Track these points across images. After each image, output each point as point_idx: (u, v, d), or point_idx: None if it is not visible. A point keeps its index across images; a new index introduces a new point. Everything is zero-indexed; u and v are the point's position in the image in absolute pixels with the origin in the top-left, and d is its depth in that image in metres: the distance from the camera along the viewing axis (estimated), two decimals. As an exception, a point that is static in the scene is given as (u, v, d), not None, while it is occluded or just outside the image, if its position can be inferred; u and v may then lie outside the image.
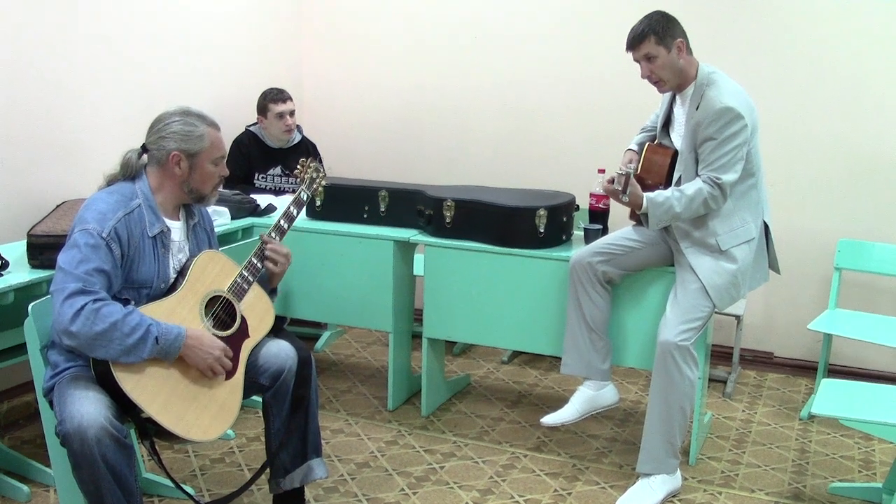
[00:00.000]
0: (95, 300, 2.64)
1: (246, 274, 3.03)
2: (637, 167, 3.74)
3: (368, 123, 5.91)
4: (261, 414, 4.15)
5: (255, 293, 3.08)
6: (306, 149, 5.22)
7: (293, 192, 5.09)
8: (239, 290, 3.00)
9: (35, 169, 4.13)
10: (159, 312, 2.78)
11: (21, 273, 3.39)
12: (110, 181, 2.96)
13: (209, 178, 2.99)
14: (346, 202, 4.46)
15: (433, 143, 5.75)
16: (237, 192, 4.60)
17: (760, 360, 5.22)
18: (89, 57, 4.36)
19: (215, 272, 2.99)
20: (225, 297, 2.96)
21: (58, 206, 3.97)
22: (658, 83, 3.58)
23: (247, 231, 4.45)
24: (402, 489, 3.65)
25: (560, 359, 3.91)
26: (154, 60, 4.77)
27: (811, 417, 4.48)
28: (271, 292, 3.28)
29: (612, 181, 3.51)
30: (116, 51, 4.51)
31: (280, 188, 5.17)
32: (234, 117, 5.11)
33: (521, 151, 5.53)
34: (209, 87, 5.20)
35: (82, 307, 2.61)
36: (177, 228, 3.01)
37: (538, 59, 5.42)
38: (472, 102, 5.62)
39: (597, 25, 5.23)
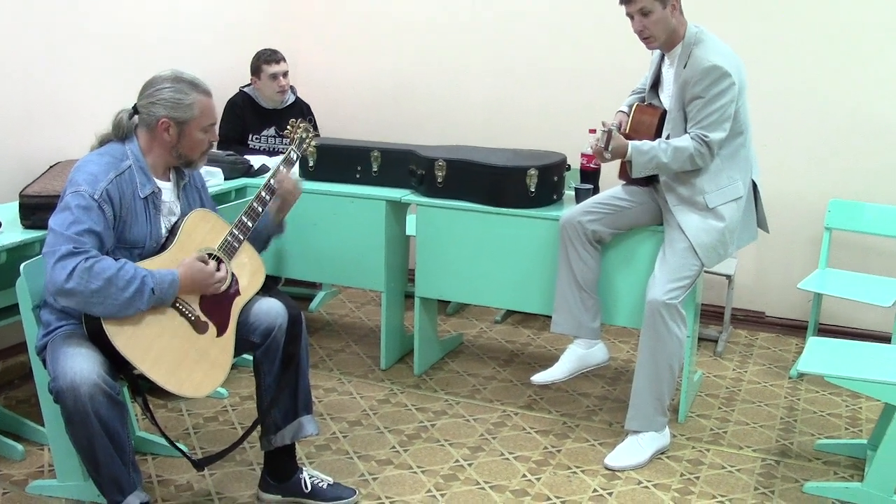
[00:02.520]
0: (87, 258, 2.65)
1: (236, 232, 3.05)
2: (625, 123, 3.76)
3: (360, 85, 5.90)
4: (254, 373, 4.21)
5: (246, 251, 3.10)
6: (300, 110, 5.22)
7: (288, 152, 5.11)
8: (230, 249, 3.02)
9: (27, 130, 4.13)
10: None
11: (13, 233, 3.40)
12: (102, 141, 2.97)
13: (198, 145, 2.99)
14: (339, 162, 4.47)
15: (425, 105, 5.74)
16: (231, 152, 4.61)
17: (751, 320, 5.26)
18: (81, 20, 4.35)
19: (206, 230, 3.01)
20: (216, 255, 2.97)
21: (50, 167, 3.97)
22: (648, 39, 3.56)
23: (240, 191, 4.45)
24: (394, 447, 3.69)
25: (552, 318, 3.94)
26: (147, 21, 4.75)
27: (801, 376, 4.52)
28: (278, 226, 3.33)
29: (597, 142, 3.53)
30: (108, 13, 4.50)
31: (274, 149, 5.17)
32: (228, 79, 5.11)
33: (513, 112, 5.53)
34: (203, 48, 5.18)
35: (74, 268, 2.62)
36: (167, 189, 3.03)
37: (529, 21, 5.41)
38: (464, 63, 5.61)
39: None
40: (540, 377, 3.84)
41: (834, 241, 4.78)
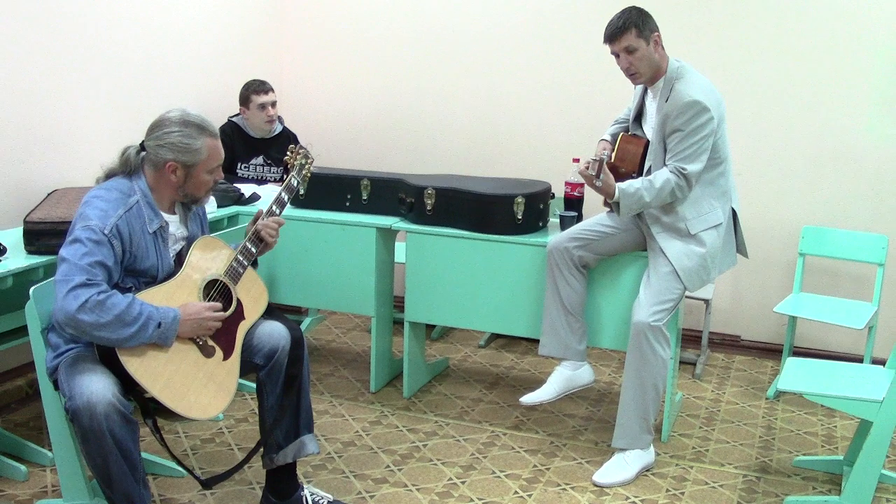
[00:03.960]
0: (100, 292, 2.74)
1: (241, 258, 3.15)
2: (611, 155, 3.90)
3: (347, 115, 6.03)
4: (248, 397, 4.33)
5: (250, 276, 3.21)
6: (288, 139, 5.33)
7: (275, 181, 5.23)
8: (235, 274, 3.12)
9: (25, 159, 4.21)
10: (160, 297, 2.90)
11: (18, 258, 3.48)
12: (109, 174, 3.05)
13: (204, 185, 3.11)
14: (329, 191, 4.59)
15: (411, 134, 5.88)
16: (222, 180, 4.70)
17: (728, 343, 5.42)
18: (76, 52, 4.44)
19: (212, 257, 3.11)
20: (222, 281, 3.08)
21: (49, 195, 4.06)
22: (634, 76, 3.73)
23: (232, 219, 4.56)
24: (388, 466, 3.80)
25: (537, 341, 4.07)
26: (140, 53, 4.85)
27: (777, 396, 4.68)
28: (252, 263, 3.41)
29: (587, 167, 3.66)
30: (103, 45, 4.60)
31: (262, 177, 5.28)
32: (216, 109, 5.21)
33: (497, 141, 5.68)
34: (193, 79, 5.30)
35: (87, 300, 2.70)
36: (174, 221, 3.13)
37: (513, 52, 5.57)
38: (449, 94, 5.76)
39: (570, 18, 5.38)
40: (529, 398, 3.96)
41: (807, 267, 4.95)
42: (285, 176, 3.58)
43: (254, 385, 3.80)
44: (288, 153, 3.64)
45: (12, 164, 4.16)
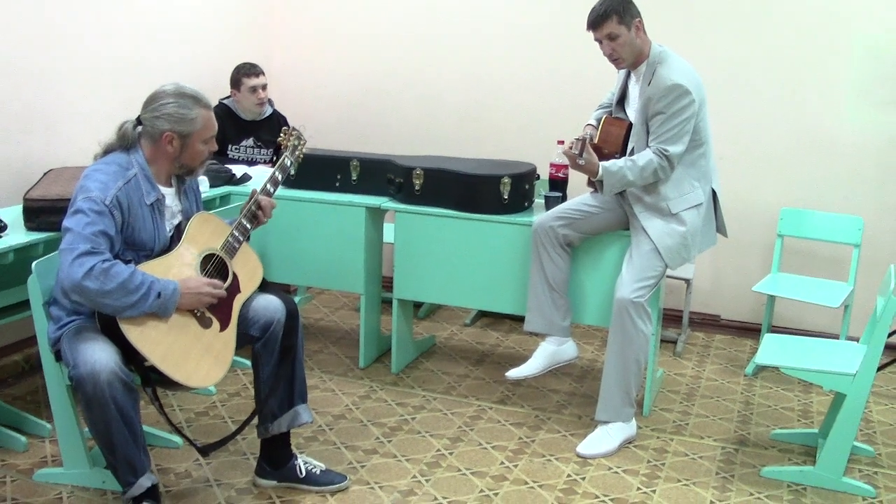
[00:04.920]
0: (104, 261, 2.84)
1: (237, 234, 3.25)
2: (595, 136, 4.01)
3: (336, 97, 6.11)
4: (239, 372, 4.42)
5: (245, 251, 3.31)
6: (277, 121, 5.41)
7: (265, 163, 5.31)
8: (230, 249, 3.22)
9: (22, 139, 4.29)
10: (159, 269, 3.00)
11: (18, 235, 3.57)
12: (107, 150, 3.14)
13: (199, 156, 3.20)
14: (320, 171, 4.68)
15: (399, 117, 5.96)
16: (214, 161, 4.79)
17: (708, 323, 5.55)
18: (71, 34, 4.51)
19: (208, 232, 3.21)
20: (218, 255, 3.18)
21: (46, 174, 4.14)
22: (617, 61, 3.84)
23: (224, 199, 4.64)
24: (378, 437, 3.91)
25: (521, 319, 4.18)
26: (133, 37, 4.92)
27: (755, 373, 4.82)
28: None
29: (571, 147, 3.76)
30: (97, 27, 4.67)
31: (252, 159, 5.36)
32: (208, 91, 5.25)
33: (484, 124, 5.78)
34: (185, 62, 5.37)
35: (92, 267, 2.81)
36: (170, 195, 3.22)
37: (499, 37, 5.66)
38: (437, 77, 5.84)
39: (555, 3, 5.47)
40: (514, 372, 4.08)
41: (785, 247, 5.09)
42: (276, 158, 3.66)
43: (246, 361, 3.92)
44: (282, 134, 3.73)
45: (9, 144, 4.23)
